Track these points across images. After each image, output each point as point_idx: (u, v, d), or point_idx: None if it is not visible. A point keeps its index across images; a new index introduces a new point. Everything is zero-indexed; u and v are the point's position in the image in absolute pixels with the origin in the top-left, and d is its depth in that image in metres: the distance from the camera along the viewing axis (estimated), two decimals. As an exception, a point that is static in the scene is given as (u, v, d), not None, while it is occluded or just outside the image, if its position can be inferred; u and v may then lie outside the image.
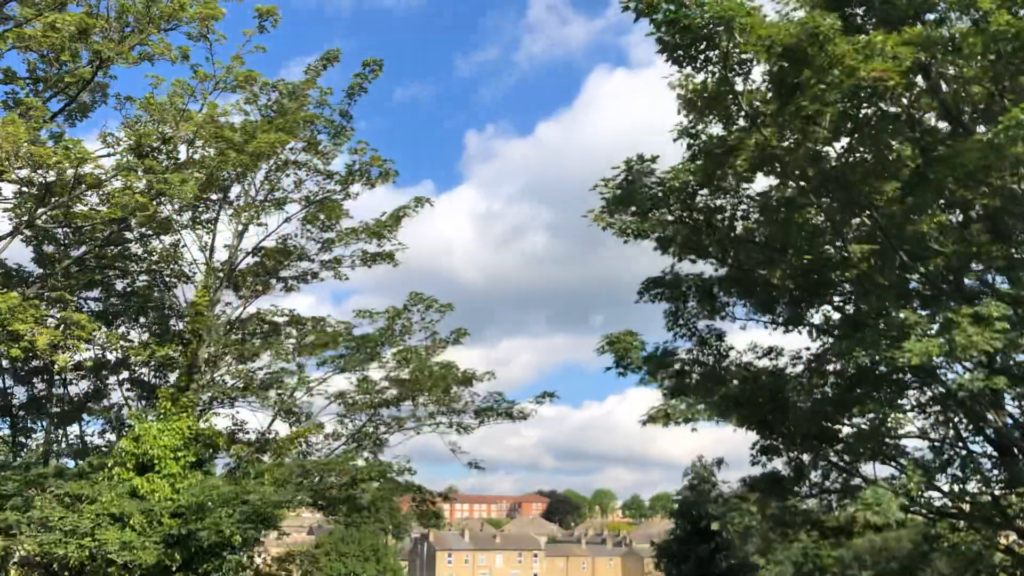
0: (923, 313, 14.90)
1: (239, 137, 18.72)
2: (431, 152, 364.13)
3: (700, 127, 16.78)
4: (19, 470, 18.25)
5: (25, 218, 17.54)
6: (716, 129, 16.53)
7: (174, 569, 17.33)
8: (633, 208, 17.33)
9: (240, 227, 21.14)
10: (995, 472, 17.38)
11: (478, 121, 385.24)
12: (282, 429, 21.84)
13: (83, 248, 18.94)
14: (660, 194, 16.97)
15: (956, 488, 17.65)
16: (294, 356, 21.48)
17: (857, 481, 18.02)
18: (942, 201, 15.77)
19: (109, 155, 17.30)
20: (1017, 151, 13.21)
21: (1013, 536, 18.38)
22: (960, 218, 16.54)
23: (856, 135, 15.31)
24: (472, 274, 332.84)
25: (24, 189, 17.18)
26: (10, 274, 19.06)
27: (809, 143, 14.78)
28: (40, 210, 17.19)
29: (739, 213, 17.61)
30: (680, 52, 14.52)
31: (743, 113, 15.51)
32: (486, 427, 22.06)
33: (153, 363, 21.15)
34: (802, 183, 15.90)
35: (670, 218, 17.51)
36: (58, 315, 16.47)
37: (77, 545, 16.23)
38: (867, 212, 15.57)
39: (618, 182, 17.18)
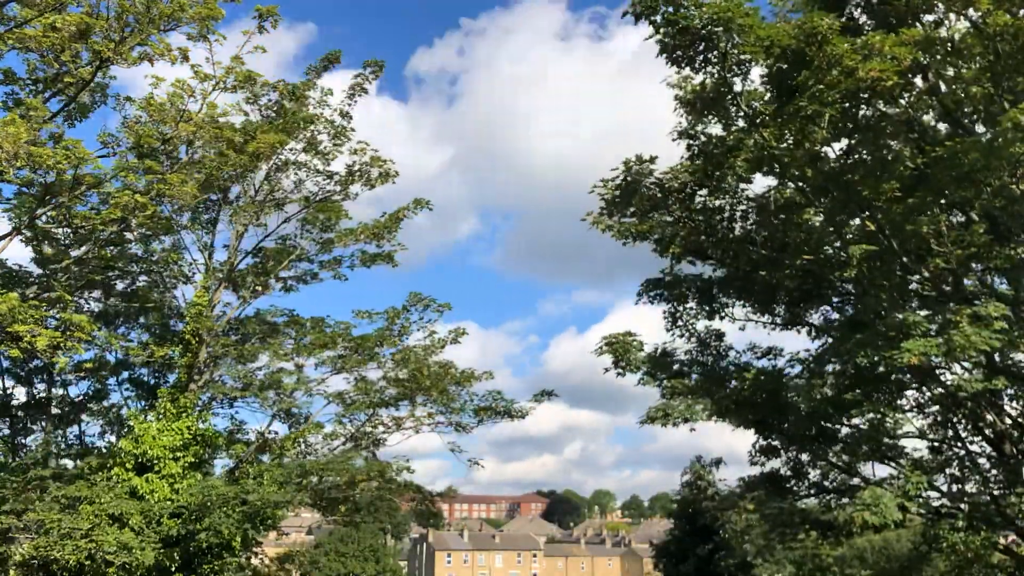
0: (922, 314, 14.91)
1: (239, 137, 18.71)
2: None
3: (699, 128, 16.79)
4: (17, 472, 18.24)
5: (25, 218, 17.54)
6: (715, 130, 16.54)
7: (173, 570, 17.33)
8: (632, 209, 17.34)
9: (240, 227, 21.16)
10: (994, 472, 17.39)
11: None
12: (281, 429, 21.88)
13: (83, 248, 18.92)
14: (659, 195, 16.98)
15: (955, 488, 17.67)
16: (293, 357, 21.51)
17: (856, 481, 18.03)
18: (942, 202, 15.77)
19: (109, 155, 17.32)
20: (1016, 151, 13.22)
21: (1013, 536, 18.38)
22: (960, 219, 16.55)
23: (855, 136, 15.33)
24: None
25: (24, 189, 17.18)
26: (10, 274, 19.05)
27: (808, 144, 14.79)
28: (40, 210, 17.19)
29: (738, 214, 17.61)
30: (679, 53, 14.55)
31: (742, 114, 15.52)
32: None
33: (153, 364, 21.16)
34: (801, 184, 15.91)
35: (669, 219, 17.51)
36: (58, 316, 16.45)
37: (74, 547, 16.22)
38: (866, 213, 15.58)
39: (617, 183, 17.18)
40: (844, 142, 15.59)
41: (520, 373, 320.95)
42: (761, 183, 17.47)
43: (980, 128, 15.87)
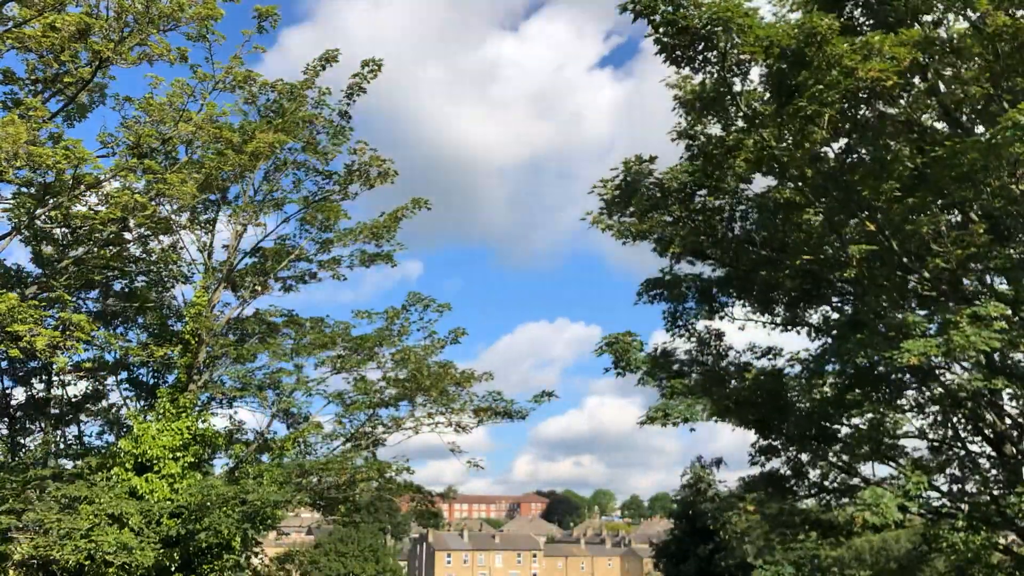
0: (922, 313, 14.91)
1: (238, 137, 18.70)
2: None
3: (699, 128, 16.79)
4: (16, 472, 18.21)
5: (24, 218, 17.52)
6: (715, 130, 16.54)
7: (173, 570, 17.31)
8: (631, 209, 17.35)
9: (239, 227, 21.14)
10: (994, 472, 17.39)
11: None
12: (280, 429, 21.87)
13: (82, 248, 18.91)
14: (659, 195, 16.98)
15: (955, 488, 17.67)
16: (292, 356, 21.50)
17: (856, 481, 18.03)
18: (941, 202, 15.78)
19: (108, 155, 17.32)
20: (1015, 151, 13.22)
21: (1012, 536, 18.37)
22: (959, 219, 16.56)
23: (855, 136, 15.33)
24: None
25: (23, 189, 17.17)
26: (9, 274, 19.04)
27: (808, 144, 14.78)
28: (39, 210, 17.18)
29: (738, 214, 17.62)
30: (679, 53, 14.55)
31: (741, 114, 15.52)
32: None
33: (152, 364, 21.12)
34: (801, 184, 15.91)
35: (669, 219, 17.52)
36: (57, 315, 16.44)
37: (74, 547, 16.20)
38: (866, 213, 15.58)
39: (616, 183, 17.19)
40: (843, 142, 15.59)
41: (586, 374, 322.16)
42: (761, 183, 17.49)
43: (980, 128, 15.86)
